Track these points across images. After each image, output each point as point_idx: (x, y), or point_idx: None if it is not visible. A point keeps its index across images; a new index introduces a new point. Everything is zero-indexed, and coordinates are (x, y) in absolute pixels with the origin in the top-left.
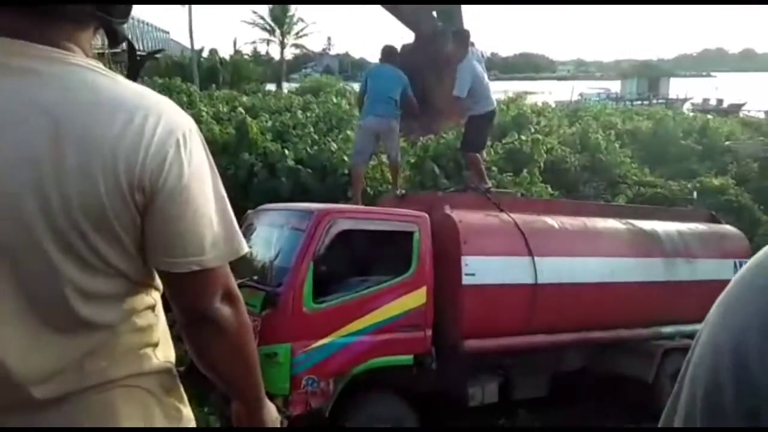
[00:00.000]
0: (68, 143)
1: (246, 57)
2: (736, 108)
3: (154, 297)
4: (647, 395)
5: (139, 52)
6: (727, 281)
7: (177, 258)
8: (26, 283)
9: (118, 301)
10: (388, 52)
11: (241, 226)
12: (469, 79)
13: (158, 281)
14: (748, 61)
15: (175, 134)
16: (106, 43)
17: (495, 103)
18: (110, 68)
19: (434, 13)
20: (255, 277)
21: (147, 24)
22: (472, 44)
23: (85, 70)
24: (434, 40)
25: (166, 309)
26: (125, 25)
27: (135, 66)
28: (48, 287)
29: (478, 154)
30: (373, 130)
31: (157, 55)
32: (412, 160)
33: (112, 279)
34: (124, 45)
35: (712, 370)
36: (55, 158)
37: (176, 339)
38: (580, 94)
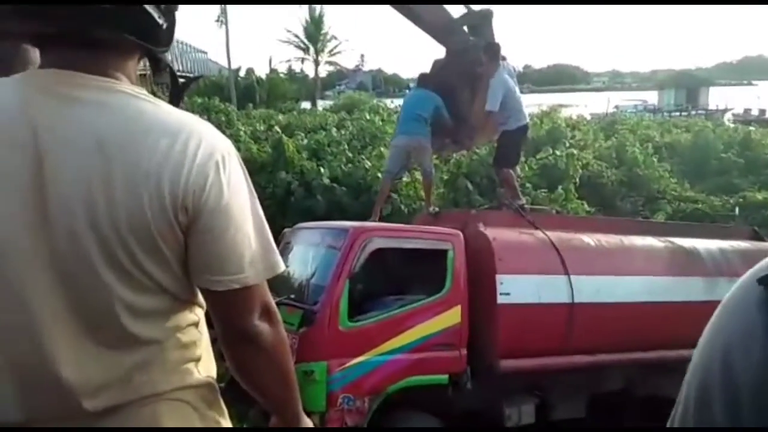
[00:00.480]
0: (117, 166)
1: (281, 75)
2: None
3: (198, 314)
4: None
5: (179, 73)
6: None
7: (217, 276)
8: (79, 300)
9: (164, 318)
10: (422, 77)
11: (278, 245)
12: (500, 94)
13: (201, 298)
14: None
15: (215, 157)
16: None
17: (528, 117)
18: (153, 90)
19: (465, 28)
20: (292, 296)
21: (185, 44)
22: (504, 58)
23: (131, 98)
24: (465, 55)
25: (209, 325)
26: (167, 52)
27: (177, 91)
28: (99, 303)
29: (511, 170)
30: (403, 148)
31: (198, 75)
32: (446, 177)
33: (158, 296)
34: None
35: (704, 369)
36: (105, 180)
37: (218, 355)
38: (616, 106)
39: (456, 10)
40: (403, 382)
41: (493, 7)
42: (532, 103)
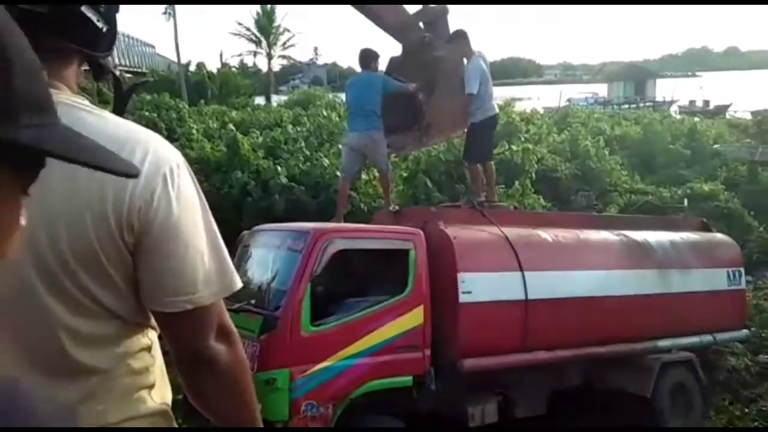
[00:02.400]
0: (54, 183)
1: (233, 69)
2: (723, 109)
3: (150, 337)
4: (646, 409)
5: (125, 68)
6: (721, 291)
7: (169, 297)
8: (21, 328)
9: (114, 344)
10: (364, 57)
11: (235, 248)
12: (477, 77)
13: (154, 320)
14: (732, 60)
15: (163, 169)
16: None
17: (496, 108)
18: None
19: (420, 24)
20: (252, 301)
21: (132, 38)
22: (479, 53)
23: (70, 108)
24: (422, 52)
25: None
26: (110, 56)
27: (122, 98)
28: (42, 332)
29: (479, 166)
30: (355, 146)
31: (144, 80)
32: (405, 174)
33: (106, 321)
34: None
35: None
36: (41, 198)
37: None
38: (568, 100)
39: (412, 8)
40: (367, 386)
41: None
42: None
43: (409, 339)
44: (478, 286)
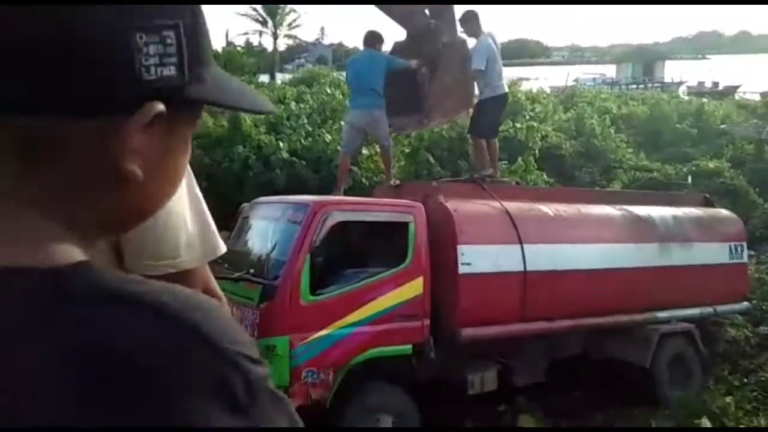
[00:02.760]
0: None
1: (239, 48)
2: (732, 90)
3: None
4: (645, 379)
5: None
6: (722, 265)
7: (150, 260)
8: None
9: None
10: (369, 38)
11: (236, 219)
12: (485, 54)
13: None
14: (743, 43)
15: None
16: None
17: (506, 87)
18: None
19: (426, 11)
20: (251, 271)
21: None
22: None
23: None
24: (426, 37)
25: None
26: None
27: None
28: None
29: (484, 141)
30: (357, 124)
31: None
32: (407, 150)
33: None
34: None
35: None
36: None
37: None
38: (575, 80)
39: None
40: (366, 354)
41: None
42: None
43: (408, 308)
44: (478, 258)
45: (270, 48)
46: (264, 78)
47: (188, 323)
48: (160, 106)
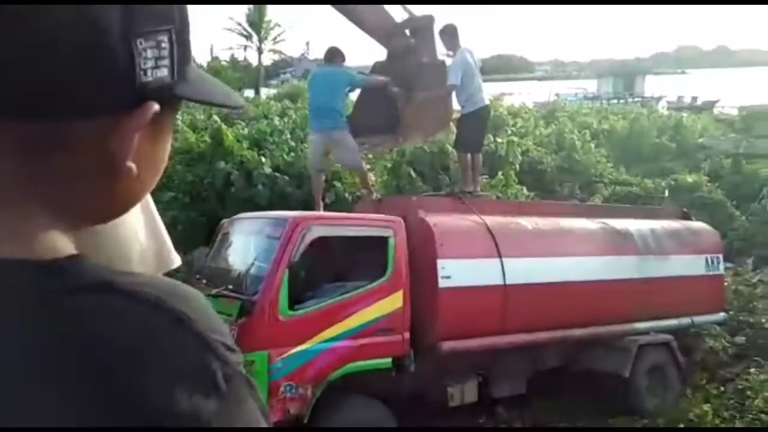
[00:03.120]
0: None
1: (224, 63)
2: (710, 105)
3: None
4: (624, 390)
5: None
6: (699, 277)
7: None
8: None
9: None
10: (328, 54)
11: (215, 236)
12: (460, 68)
13: None
14: (722, 58)
15: None
16: None
17: (487, 100)
18: None
19: (407, 31)
20: (230, 286)
21: None
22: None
23: None
24: (405, 56)
25: None
26: None
27: None
28: None
29: (468, 156)
30: (317, 143)
31: None
32: (389, 165)
33: None
34: None
35: None
36: None
37: None
38: (557, 95)
39: (398, 14)
40: (345, 368)
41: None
42: None
43: (388, 322)
44: (458, 272)
45: (255, 63)
46: (249, 93)
47: (174, 313)
48: (157, 106)
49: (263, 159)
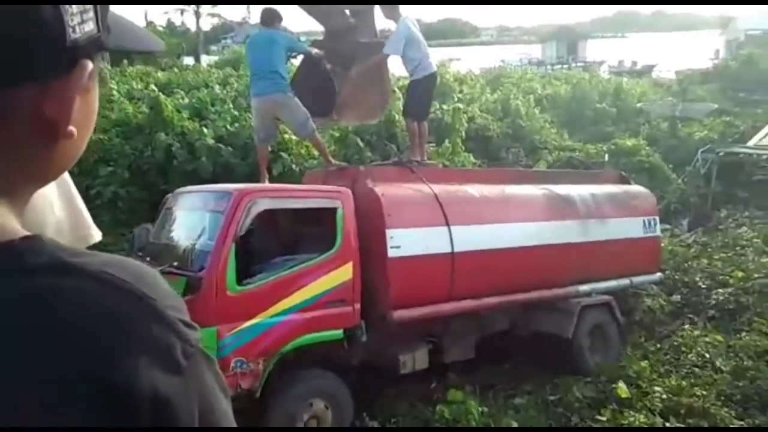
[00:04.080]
0: None
1: (160, 28)
2: (649, 69)
3: None
4: (567, 350)
5: None
6: (637, 239)
7: None
8: None
9: None
10: (266, 16)
11: (159, 211)
12: (402, 38)
13: None
14: (659, 22)
15: None
16: None
17: (434, 67)
18: None
19: (347, 11)
20: (175, 263)
21: None
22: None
23: None
24: (344, 35)
25: None
26: None
27: None
28: None
29: (415, 124)
30: (261, 111)
31: None
32: (336, 135)
33: None
34: None
35: None
36: None
37: None
38: (502, 60)
39: None
40: (297, 341)
41: None
42: None
43: (338, 294)
44: (407, 241)
45: (194, 28)
46: (189, 60)
47: (132, 291)
48: (90, 64)
49: (205, 130)
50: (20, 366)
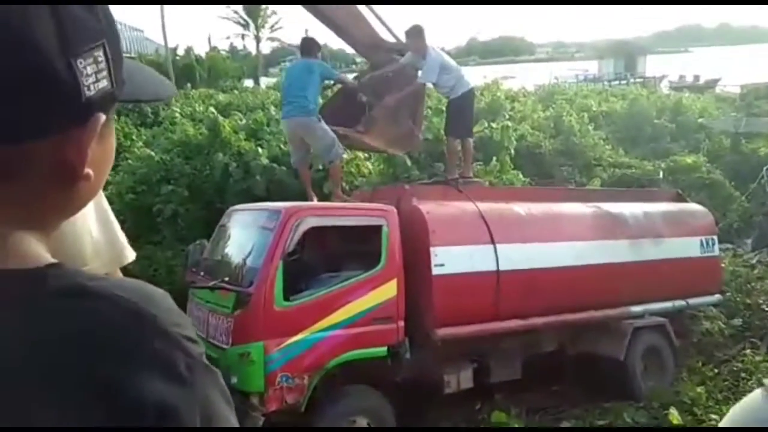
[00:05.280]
0: None
1: (222, 53)
2: (713, 83)
3: None
4: (619, 373)
5: None
6: (694, 258)
7: None
8: None
9: None
10: (306, 45)
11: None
12: (436, 66)
13: None
14: (724, 35)
15: None
16: None
17: (470, 84)
18: None
19: (395, 56)
20: (226, 278)
21: (120, 23)
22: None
23: None
24: (386, 66)
25: None
26: None
27: None
28: None
29: (456, 142)
30: (288, 132)
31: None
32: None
33: None
34: None
35: None
36: None
37: None
38: (556, 77)
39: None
40: (341, 358)
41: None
42: (478, 75)
43: (382, 311)
44: (451, 259)
45: (254, 52)
46: (249, 83)
47: (140, 311)
48: (103, 116)
49: (260, 150)
50: (40, 376)
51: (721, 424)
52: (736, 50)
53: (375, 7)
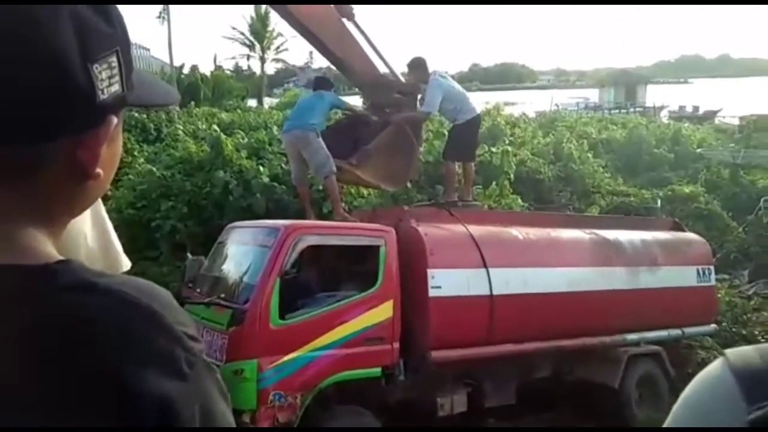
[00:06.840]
0: None
1: (227, 72)
2: (712, 114)
3: None
4: (614, 400)
5: None
6: (690, 288)
7: None
8: None
9: None
10: (318, 83)
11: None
12: (438, 94)
13: None
14: (724, 67)
15: None
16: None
17: (477, 110)
18: None
19: (396, 95)
20: (222, 295)
21: None
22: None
23: None
24: (389, 109)
25: None
26: None
27: None
28: None
29: (454, 166)
30: (288, 149)
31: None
32: None
33: None
34: None
35: None
36: None
37: None
38: (556, 105)
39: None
40: (335, 377)
41: (435, 7)
42: (480, 101)
43: (378, 332)
44: (447, 281)
45: (259, 72)
46: (252, 102)
47: (145, 308)
48: (115, 119)
49: (261, 168)
50: (47, 368)
51: (682, 395)
52: (736, 82)
53: (378, 31)
